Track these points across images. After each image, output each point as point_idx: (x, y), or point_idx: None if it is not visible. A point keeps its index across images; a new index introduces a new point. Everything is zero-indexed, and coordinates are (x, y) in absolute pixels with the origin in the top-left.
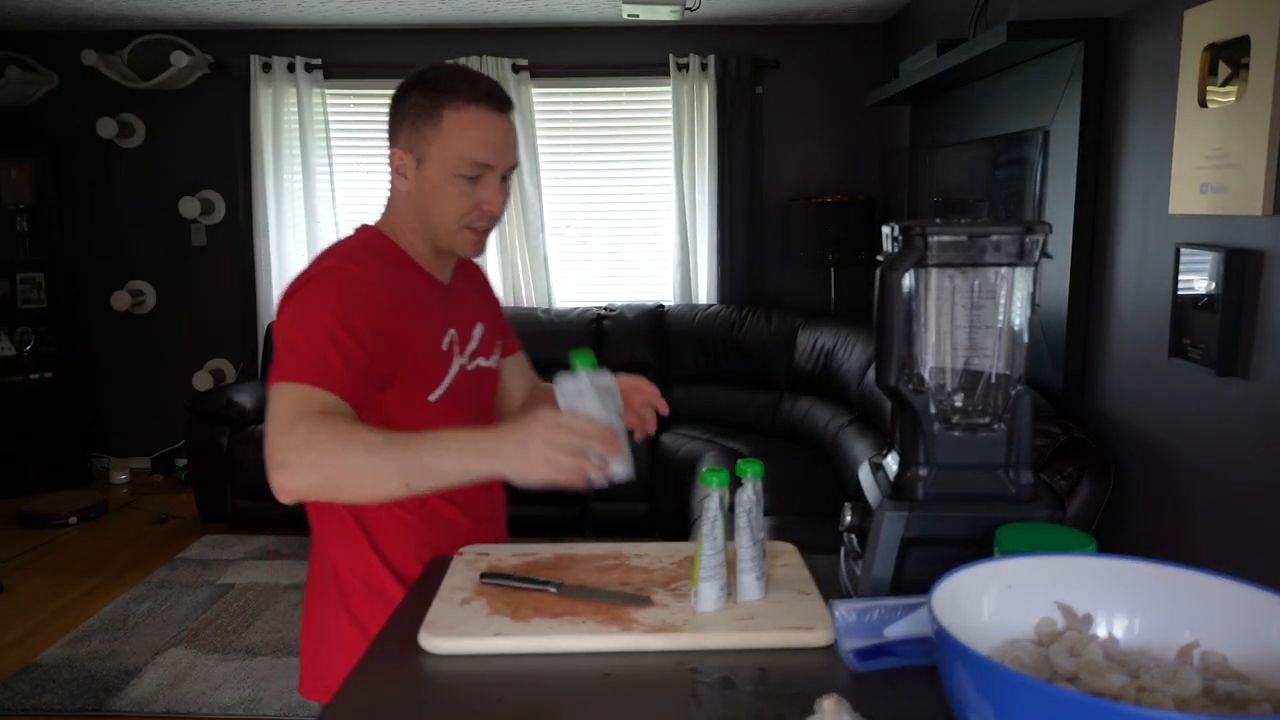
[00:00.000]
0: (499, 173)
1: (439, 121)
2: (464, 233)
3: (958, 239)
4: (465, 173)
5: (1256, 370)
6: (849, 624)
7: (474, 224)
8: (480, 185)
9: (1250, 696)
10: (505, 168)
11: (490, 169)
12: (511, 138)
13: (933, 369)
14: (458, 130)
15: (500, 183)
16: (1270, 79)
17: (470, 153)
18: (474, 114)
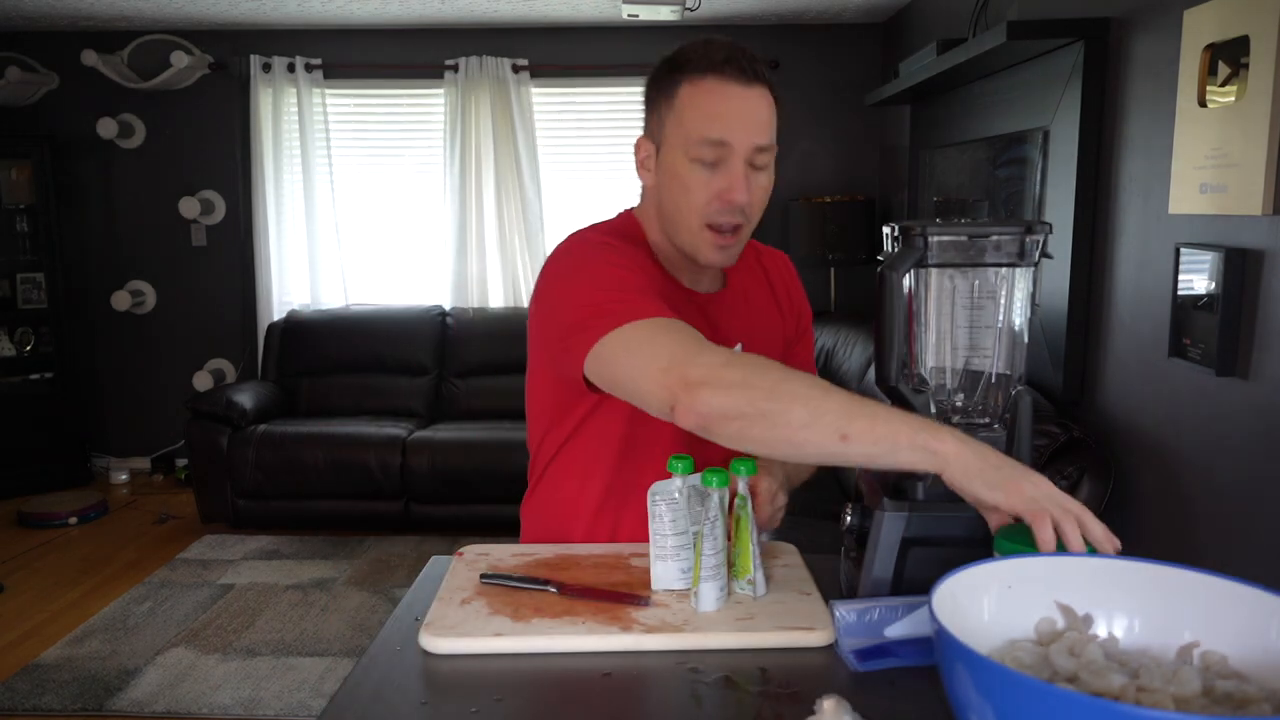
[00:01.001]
0: (741, 154)
1: (674, 98)
2: (704, 233)
3: (958, 239)
4: (701, 155)
5: (1256, 370)
6: (849, 624)
7: (715, 220)
8: (721, 171)
9: (1250, 696)
10: (749, 147)
11: (728, 148)
12: (758, 113)
13: (933, 369)
14: (690, 105)
15: (749, 169)
16: (1270, 79)
17: (702, 128)
18: (709, 85)
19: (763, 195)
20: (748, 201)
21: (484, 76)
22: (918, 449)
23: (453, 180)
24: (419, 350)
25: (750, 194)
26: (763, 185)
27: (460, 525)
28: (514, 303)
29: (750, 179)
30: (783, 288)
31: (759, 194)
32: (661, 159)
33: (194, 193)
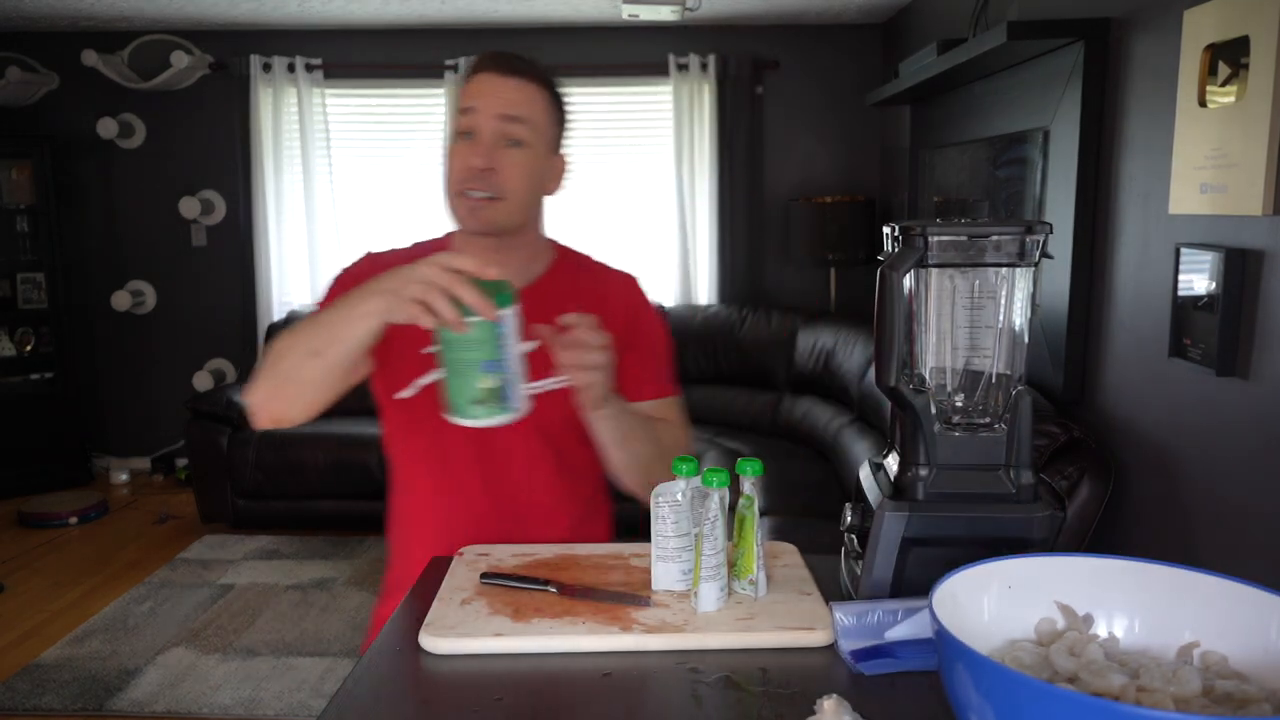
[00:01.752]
0: (488, 121)
1: (461, 90)
2: (459, 201)
3: (958, 239)
4: (456, 125)
5: (1256, 370)
6: (848, 627)
7: (463, 185)
8: (470, 141)
9: (1250, 696)
10: (494, 114)
11: (475, 115)
12: (512, 92)
13: (933, 369)
14: (460, 91)
15: (501, 144)
16: (1270, 79)
17: (459, 101)
18: (478, 76)
19: (518, 172)
20: (488, 167)
21: None
22: (351, 321)
23: None
24: None
25: (495, 163)
26: (517, 162)
27: None
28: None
29: (500, 153)
30: (619, 305)
31: (511, 170)
32: (448, 143)
33: (194, 193)
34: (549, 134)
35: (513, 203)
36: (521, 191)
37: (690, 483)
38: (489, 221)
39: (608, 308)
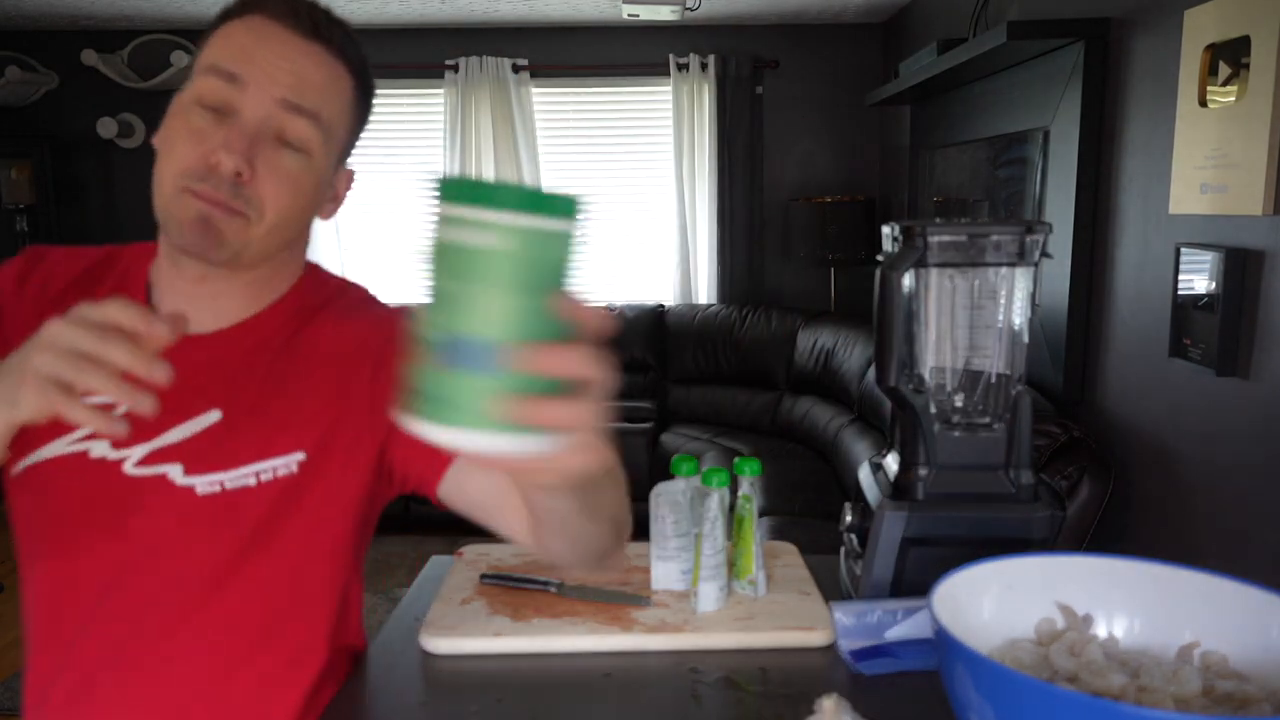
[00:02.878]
0: (256, 103)
1: (207, 38)
2: (180, 200)
3: (958, 239)
4: (203, 92)
5: (1256, 370)
6: (848, 628)
7: (193, 182)
8: (223, 124)
9: (1250, 696)
10: (271, 97)
11: (240, 88)
12: (303, 67)
13: (933, 369)
14: (219, 37)
15: (269, 140)
16: (1270, 79)
17: (215, 55)
18: (249, 21)
19: (287, 190)
20: (241, 171)
21: (484, 76)
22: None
23: None
24: None
25: (256, 167)
26: (289, 174)
27: (460, 525)
28: None
29: (268, 155)
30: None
31: (279, 185)
32: (172, 116)
33: None
34: (343, 140)
35: (267, 229)
36: (285, 216)
37: (690, 482)
38: (222, 246)
39: (375, 356)
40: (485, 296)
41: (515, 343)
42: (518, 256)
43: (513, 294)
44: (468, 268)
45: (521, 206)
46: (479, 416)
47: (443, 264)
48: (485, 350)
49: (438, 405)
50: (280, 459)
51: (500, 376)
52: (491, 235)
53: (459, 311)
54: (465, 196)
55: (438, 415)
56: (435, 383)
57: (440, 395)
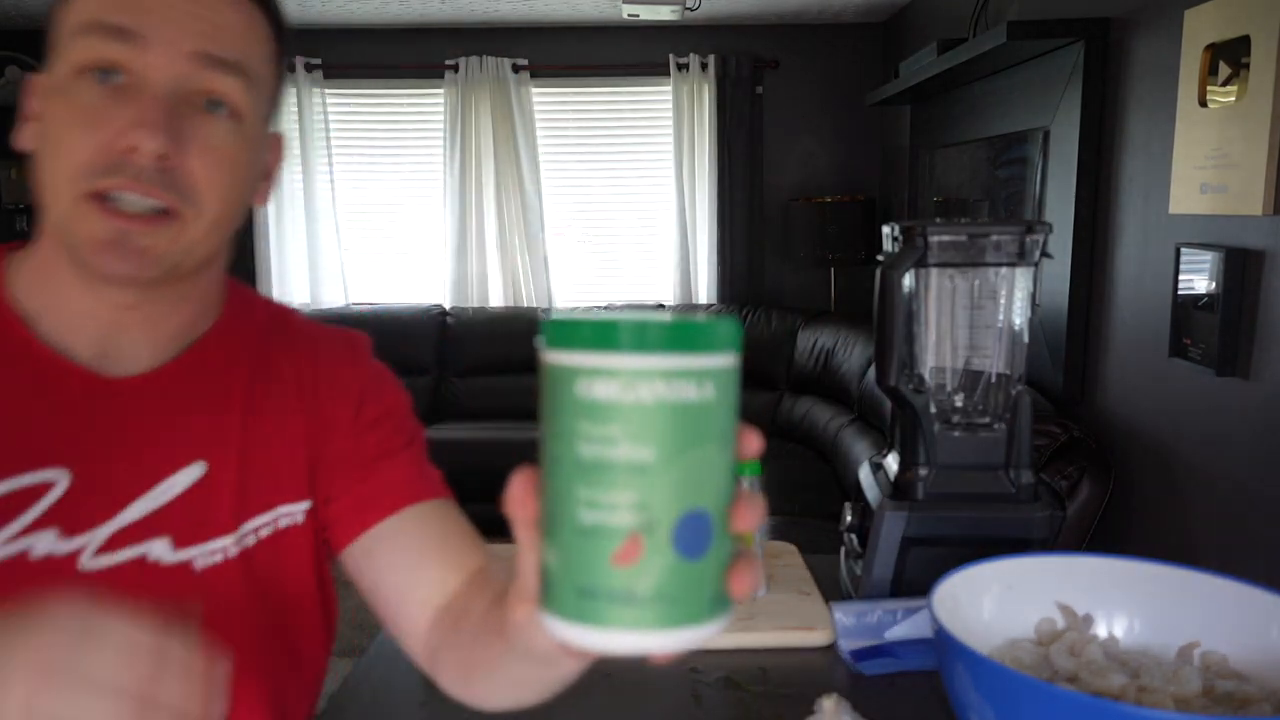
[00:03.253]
0: (166, 65)
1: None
2: (85, 210)
3: (958, 239)
4: (89, 63)
5: (1256, 370)
6: (848, 628)
7: (99, 181)
8: (122, 98)
9: (1250, 696)
10: (184, 51)
11: (138, 45)
12: (216, 10)
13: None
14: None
15: (187, 107)
16: (1270, 79)
17: (90, 12)
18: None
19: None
20: (164, 148)
21: (484, 76)
22: None
23: (453, 180)
24: (419, 350)
25: (181, 143)
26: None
27: None
28: (514, 302)
29: (195, 124)
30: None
31: (213, 160)
32: (45, 105)
33: None
34: (270, 98)
35: (209, 224)
36: (227, 202)
37: None
38: (154, 262)
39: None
40: (708, 457)
41: (729, 505)
42: (726, 402)
43: (727, 447)
44: (689, 427)
45: (720, 345)
46: (704, 604)
47: (652, 431)
48: (711, 523)
49: (662, 604)
50: (286, 507)
51: (722, 548)
52: (708, 385)
53: (687, 483)
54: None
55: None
56: (659, 577)
57: (667, 592)
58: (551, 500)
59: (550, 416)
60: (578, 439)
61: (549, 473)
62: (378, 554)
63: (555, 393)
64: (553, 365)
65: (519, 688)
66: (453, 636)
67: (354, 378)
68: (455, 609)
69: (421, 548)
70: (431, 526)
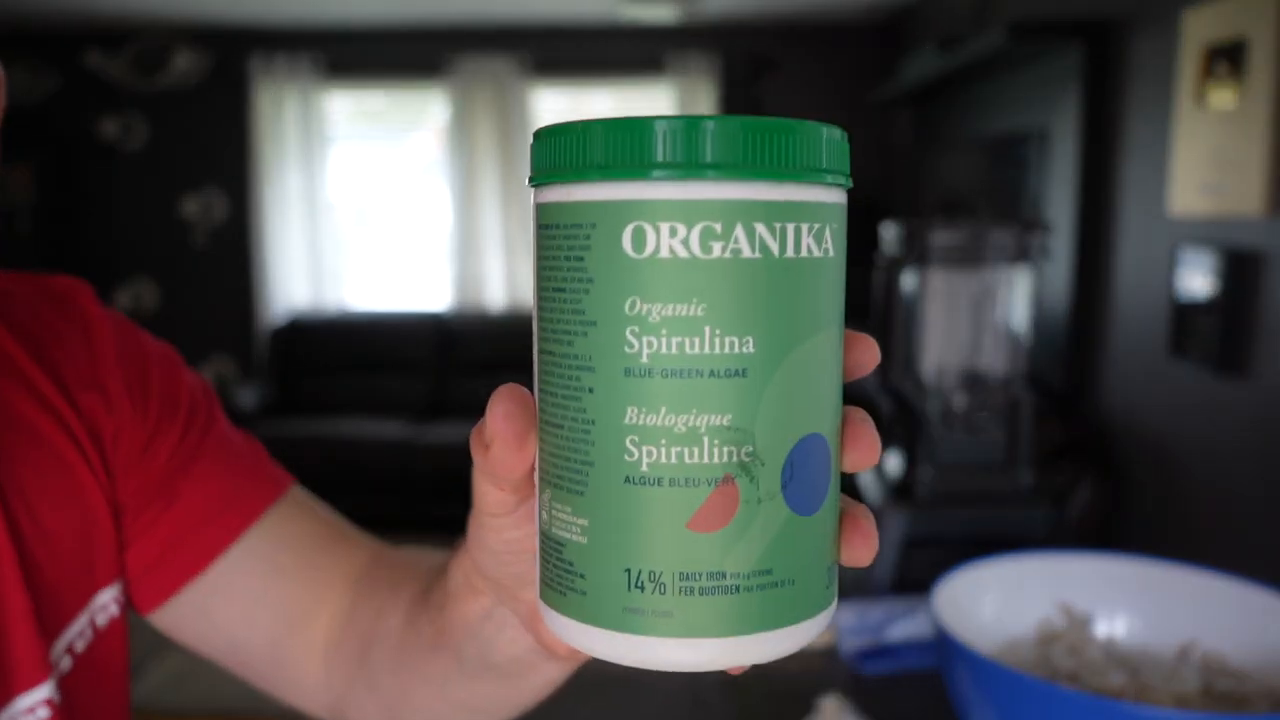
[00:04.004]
0: None
1: None
2: None
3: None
4: None
5: (1256, 370)
6: (849, 627)
7: None
8: None
9: (1249, 695)
10: None
11: None
12: None
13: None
14: None
15: None
16: (1270, 79)
17: None
18: None
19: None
20: None
21: (484, 76)
22: None
23: (453, 180)
24: (419, 350)
25: None
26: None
27: (460, 525)
28: (514, 303)
29: None
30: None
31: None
32: None
33: (195, 192)
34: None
35: None
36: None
37: None
38: None
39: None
40: (825, 354)
41: (841, 430)
42: (842, 265)
43: (841, 339)
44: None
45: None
46: (821, 581)
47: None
48: (830, 457)
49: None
50: (103, 594)
51: (835, 496)
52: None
53: (800, 395)
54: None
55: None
56: (765, 545)
57: (777, 565)
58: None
59: (563, 304)
60: (625, 332)
61: (562, 396)
62: (214, 605)
63: (584, 258)
64: (575, 204)
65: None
66: (362, 672)
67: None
68: (356, 633)
69: (281, 573)
70: (286, 540)
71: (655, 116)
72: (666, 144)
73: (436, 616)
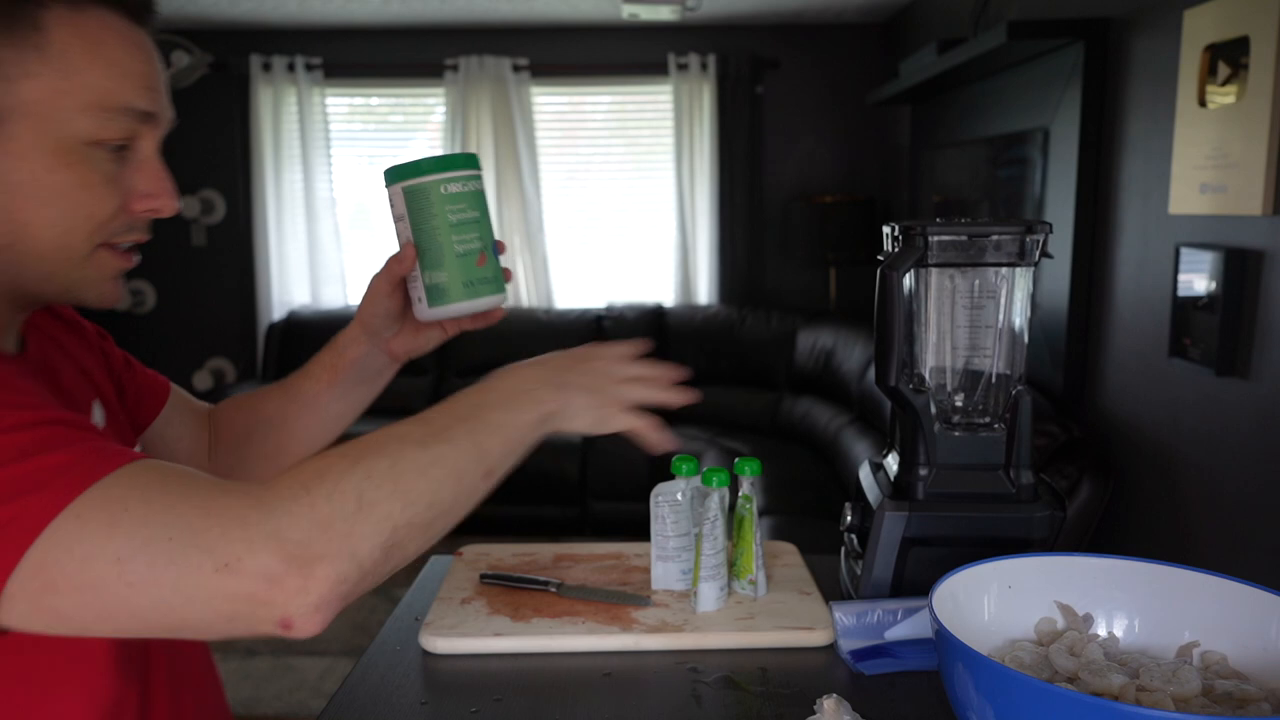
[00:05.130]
0: (160, 131)
1: (40, 38)
2: (100, 256)
3: (958, 239)
4: (107, 136)
5: (1256, 370)
6: (847, 627)
7: (120, 235)
8: (131, 162)
9: (1249, 696)
10: (169, 119)
11: (152, 123)
12: (161, 69)
13: (933, 369)
14: (86, 55)
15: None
16: (1270, 79)
17: (117, 91)
18: (108, 22)
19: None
20: (175, 202)
21: (484, 76)
22: (545, 422)
23: None
24: None
25: (174, 190)
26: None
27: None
28: (512, 302)
29: (164, 169)
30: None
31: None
32: (9, 145)
33: (194, 192)
34: None
35: None
36: None
37: (690, 482)
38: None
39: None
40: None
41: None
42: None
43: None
44: (483, 202)
45: (475, 165)
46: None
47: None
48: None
49: (496, 281)
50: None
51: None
52: (478, 183)
53: (488, 226)
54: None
55: (497, 287)
56: (493, 269)
57: (494, 275)
58: (431, 249)
59: (423, 211)
60: (447, 213)
61: (427, 237)
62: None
63: (427, 196)
64: (421, 185)
65: (340, 422)
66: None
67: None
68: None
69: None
70: (183, 401)
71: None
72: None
73: (321, 373)
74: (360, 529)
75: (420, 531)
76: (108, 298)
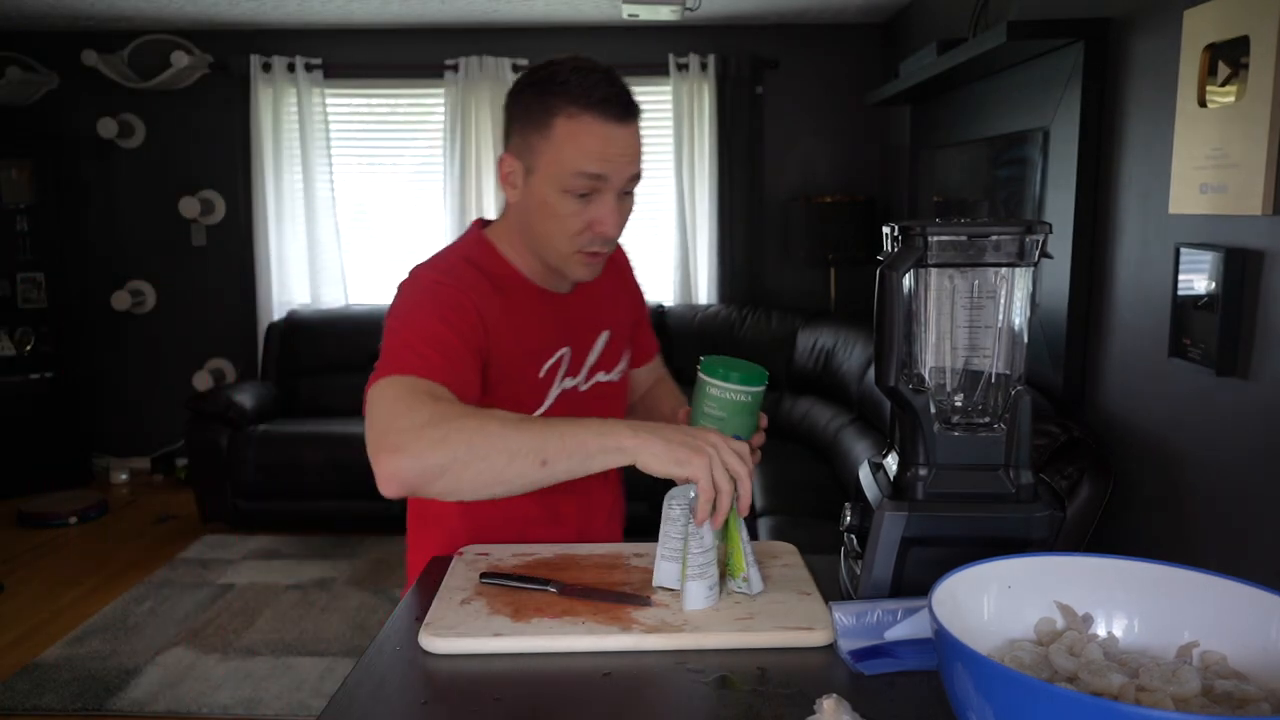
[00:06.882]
0: (616, 187)
1: (549, 130)
2: (576, 256)
3: (958, 239)
4: (574, 187)
5: (1256, 370)
6: (847, 627)
7: (586, 246)
8: (594, 202)
9: (1249, 696)
10: (623, 180)
11: (604, 182)
12: (632, 147)
13: (933, 369)
14: (569, 141)
15: (619, 198)
16: (1270, 79)
17: (579, 163)
18: (588, 123)
19: (629, 216)
20: (616, 230)
21: (484, 76)
22: (608, 451)
23: (453, 180)
24: None
25: (621, 223)
26: (629, 209)
27: None
28: None
29: (620, 207)
30: (628, 275)
31: (627, 217)
32: (531, 184)
33: (194, 192)
34: None
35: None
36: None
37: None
38: (601, 268)
39: (626, 281)
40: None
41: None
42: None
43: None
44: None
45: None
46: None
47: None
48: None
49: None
50: (625, 355)
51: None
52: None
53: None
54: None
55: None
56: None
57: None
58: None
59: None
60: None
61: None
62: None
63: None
64: (708, 383)
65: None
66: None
67: (630, 274)
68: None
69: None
70: (656, 370)
71: None
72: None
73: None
74: (434, 450)
75: (468, 470)
76: (584, 277)
